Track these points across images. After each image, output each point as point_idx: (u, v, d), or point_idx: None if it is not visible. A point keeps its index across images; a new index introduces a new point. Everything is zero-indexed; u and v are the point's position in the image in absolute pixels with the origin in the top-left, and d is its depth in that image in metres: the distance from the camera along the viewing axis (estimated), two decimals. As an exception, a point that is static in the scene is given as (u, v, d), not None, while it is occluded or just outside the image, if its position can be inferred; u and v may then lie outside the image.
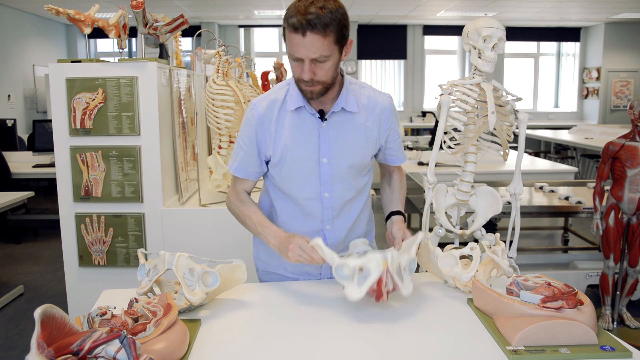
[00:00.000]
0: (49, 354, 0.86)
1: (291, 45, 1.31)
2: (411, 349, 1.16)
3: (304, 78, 1.35)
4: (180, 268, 1.32)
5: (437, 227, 1.83)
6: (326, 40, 1.30)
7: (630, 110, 2.63)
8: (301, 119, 1.46)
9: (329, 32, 1.29)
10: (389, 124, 1.54)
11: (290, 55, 1.35)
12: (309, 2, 1.28)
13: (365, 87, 1.54)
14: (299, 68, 1.35)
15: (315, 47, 1.29)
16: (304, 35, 1.28)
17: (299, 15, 1.27)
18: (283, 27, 1.34)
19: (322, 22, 1.27)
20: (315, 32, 1.28)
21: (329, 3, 1.30)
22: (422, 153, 4.57)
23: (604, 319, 2.82)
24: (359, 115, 1.49)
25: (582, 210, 3.02)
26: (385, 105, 1.53)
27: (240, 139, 1.53)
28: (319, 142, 1.47)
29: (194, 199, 2.81)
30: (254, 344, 1.19)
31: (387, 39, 9.80)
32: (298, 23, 1.27)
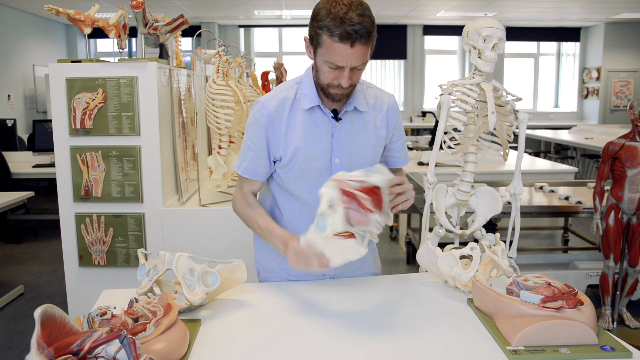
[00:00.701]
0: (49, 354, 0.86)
1: (333, 54, 1.29)
2: (411, 349, 1.15)
3: (343, 85, 1.34)
4: (180, 268, 1.32)
5: (437, 227, 1.83)
6: (369, 48, 1.31)
7: (630, 110, 2.63)
8: (313, 118, 1.44)
9: (371, 39, 1.30)
10: (394, 123, 1.55)
11: (329, 62, 1.32)
12: (346, 7, 1.26)
13: (371, 86, 1.55)
14: (334, 74, 1.34)
15: (360, 56, 1.30)
16: (352, 46, 1.27)
17: (346, 26, 1.24)
18: (316, 33, 1.30)
19: (367, 31, 1.27)
20: (363, 43, 1.28)
21: (364, 7, 1.29)
22: (422, 153, 4.57)
23: (604, 319, 2.82)
24: (369, 114, 1.50)
25: (582, 210, 3.02)
26: (391, 104, 1.55)
27: (249, 139, 1.49)
28: (332, 142, 1.46)
29: (194, 199, 2.81)
30: (254, 344, 1.19)
31: (387, 39, 9.81)
32: (346, 34, 1.25)
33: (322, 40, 1.30)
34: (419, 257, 1.59)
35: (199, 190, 2.82)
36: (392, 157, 1.63)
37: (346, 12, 1.25)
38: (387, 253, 4.49)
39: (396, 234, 4.90)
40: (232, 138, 2.73)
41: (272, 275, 1.62)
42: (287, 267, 1.55)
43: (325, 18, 1.27)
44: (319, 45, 1.32)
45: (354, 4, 1.27)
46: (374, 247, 1.75)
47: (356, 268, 1.64)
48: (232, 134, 2.71)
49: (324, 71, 1.36)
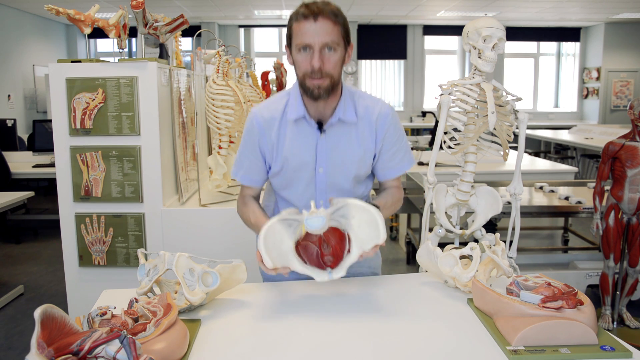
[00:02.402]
0: (49, 354, 0.86)
1: (300, 33, 1.34)
2: (411, 349, 1.16)
3: (314, 66, 1.35)
4: (180, 268, 1.32)
5: (437, 227, 1.83)
6: (336, 27, 1.35)
7: (630, 110, 2.63)
8: (299, 129, 1.47)
9: (338, 21, 1.35)
10: (383, 132, 1.51)
11: (298, 45, 1.36)
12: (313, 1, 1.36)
13: (365, 96, 1.53)
14: (307, 58, 1.36)
15: (326, 31, 1.33)
16: (315, 20, 1.32)
17: (308, 7, 1.33)
18: (289, 26, 1.38)
19: (332, 10, 1.34)
20: (326, 18, 1.33)
21: (334, 5, 1.38)
22: (422, 153, 4.57)
23: (604, 319, 2.82)
24: (357, 126, 1.49)
25: (582, 210, 3.02)
26: (382, 114, 1.50)
27: (244, 148, 1.54)
28: (316, 152, 1.48)
29: (194, 199, 2.81)
30: (254, 344, 1.19)
31: (387, 39, 9.80)
32: (308, 10, 1.32)
33: (292, 30, 1.37)
34: (419, 257, 1.59)
35: (199, 190, 2.82)
36: (381, 168, 1.56)
37: (314, 1, 1.35)
38: (387, 253, 4.49)
39: (396, 234, 4.90)
40: (232, 138, 2.73)
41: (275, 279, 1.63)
42: None
43: (295, 10, 1.37)
44: (291, 37, 1.38)
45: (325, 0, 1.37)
46: None
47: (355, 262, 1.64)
48: (232, 134, 2.71)
49: (298, 61, 1.39)
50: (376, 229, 1.29)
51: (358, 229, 1.32)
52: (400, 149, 1.57)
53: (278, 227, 1.33)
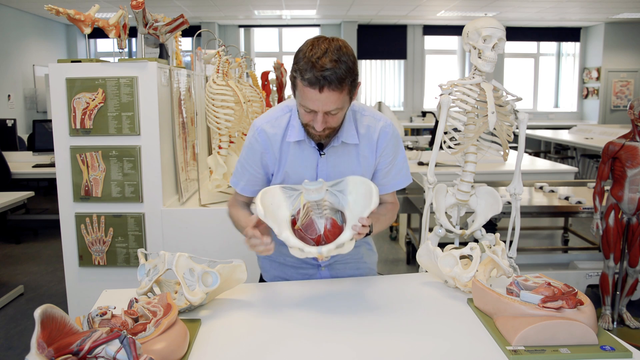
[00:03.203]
0: (49, 354, 0.86)
1: (305, 98, 1.30)
2: (411, 349, 1.16)
3: (316, 129, 1.35)
4: (180, 268, 1.32)
5: (437, 227, 1.83)
6: (342, 94, 1.29)
7: (630, 110, 2.63)
8: (301, 148, 1.48)
9: (344, 86, 1.28)
10: (381, 149, 1.51)
11: (302, 105, 1.34)
12: (321, 51, 1.25)
13: (366, 113, 1.51)
14: (309, 117, 1.35)
15: (331, 102, 1.29)
16: (320, 91, 1.26)
17: (315, 71, 1.24)
18: (293, 75, 1.31)
19: (338, 77, 1.25)
20: (332, 89, 1.26)
21: (342, 53, 1.27)
22: (422, 153, 4.57)
23: (604, 319, 2.82)
24: (358, 146, 1.49)
25: (582, 210, 3.02)
26: (383, 132, 1.50)
27: (245, 161, 1.53)
28: (317, 171, 1.48)
29: (194, 199, 2.81)
30: (254, 344, 1.19)
31: (387, 39, 9.81)
32: (314, 79, 1.25)
33: (296, 83, 1.31)
34: (419, 257, 1.59)
35: (199, 190, 2.82)
36: (376, 183, 1.55)
37: (320, 56, 1.25)
38: (387, 253, 4.50)
39: (396, 234, 4.90)
40: (232, 138, 2.73)
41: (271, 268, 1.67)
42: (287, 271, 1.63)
43: (300, 61, 1.28)
44: (295, 87, 1.33)
45: (332, 49, 1.26)
46: (367, 241, 1.72)
47: (349, 257, 1.65)
48: (232, 134, 2.71)
49: (300, 112, 1.38)
50: (369, 198, 1.31)
51: (354, 205, 1.34)
52: (396, 166, 1.56)
53: (277, 192, 1.38)
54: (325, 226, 1.38)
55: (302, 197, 1.37)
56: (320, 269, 1.63)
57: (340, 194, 1.37)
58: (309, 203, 1.37)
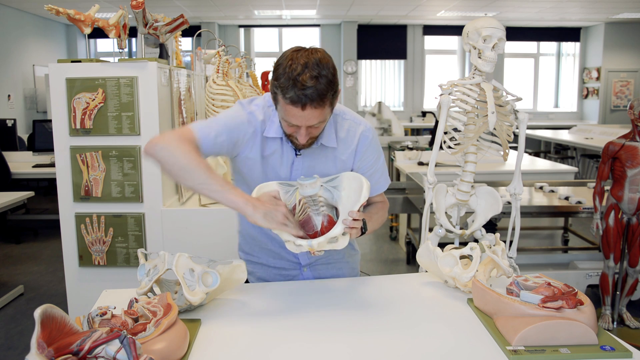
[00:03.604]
0: (49, 354, 0.86)
1: (287, 114, 1.30)
2: (411, 349, 1.16)
3: (299, 141, 1.36)
4: (180, 268, 1.32)
5: (437, 227, 1.83)
6: (324, 109, 1.29)
7: (630, 110, 2.63)
8: (277, 146, 1.46)
9: (325, 100, 1.28)
10: (361, 154, 1.51)
11: (284, 119, 1.33)
12: (301, 67, 1.24)
13: (347, 117, 1.50)
14: (292, 129, 1.35)
15: (313, 117, 1.29)
16: (303, 109, 1.26)
17: (297, 89, 1.23)
18: (274, 91, 1.30)
19: (320, 93, 1.25)
20: (314, 106, 1.26)
21: (321, 67, 1.25)
22: (422, 153, 4.57)
23: (604, 319, 2.82)
24: (336, 149, 1.48)
25: (582, 210, 3.02)
26: (363, 136, 1.50)
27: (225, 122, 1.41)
28: (291, 170, 1.48)
29: (194, 199, 2.81)
30: (254, 344, 1.19)
31: (387, 39, 9.81)
32: (296, 97, 1.24)
33: (278, 99, 1.30)
34: (419, 257, 1.59)
35: (199, 190, 2.82)
36: None
37: (300, 72, 1.23)
38: (387, 253, 4.49)
39: (396, 234, 4.90)
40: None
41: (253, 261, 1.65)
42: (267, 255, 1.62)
43: (281, 77, 1.26)
44: (276, 102, 1.32)
45: (311, 63, 1.24)
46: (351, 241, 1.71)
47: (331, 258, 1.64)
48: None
49: (283, 125, 1.38)
50: (360, 193, 1.33)
51: (346, 200, 1.35)
52: (378, 169, 1.56)
53: (274, 187, 1.38)
54: (323, 223, 1.39)
55: (297, 193, 1.38)
56: (303, 270, 1.62)
57: (334, 190, 1.38)
58: (304, 199, 1.37)
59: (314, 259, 1.62)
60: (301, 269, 1.62)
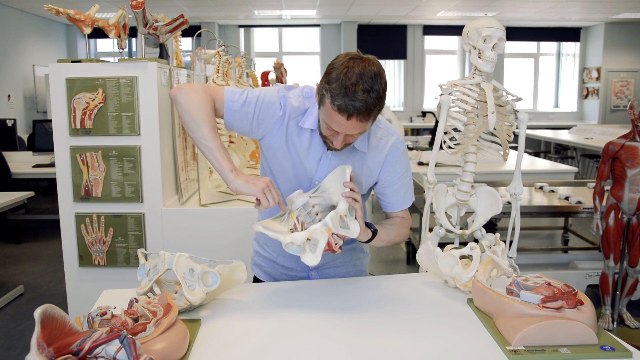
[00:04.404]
0: (49, 354, 0.86)
1: (330, 119, 1.29)
2: (411, 349, 1.16)
3: (335, 146, 1.35)
4: (180, 268, 1.32)
5: (437, 227, 1.83)
6: (368, 122, 1.29)
7: (630, 110, 2.63)
8: (310, 137, 1.45)
9: (371, 115, 1.27)
10: (389, 165, 1.51)
11: (325, 122, 1.32)
12: (356, 76, 1.22)
13: (381, 126, 1.50)
14: (330, 132, 1.34)
15: (356, 128, 1.29)
16: (348, 119, 1.25)
17: (347, 99, 1.22)
18: (322, 93, 1.28)
19: (368, 108, 1.24)
20: (360, 119, 1.26)
21: (375, 81, 1.24)
22: (422, 153, 4.57)
23: (604, 319, 2.82)
24: (366, 155, 1.48)
25: (582, 210, 3.03)
26: (394, 147, 1.50)
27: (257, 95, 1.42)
28: (318, 165, 1.47)
29: (194, 199, 2.81)
30: (254, 344, 1.19)
31: (387, 39, 9.81)
32: (344, 106, 1.23)
33: (324, 101, 1.29)
34: (419, 257, 1.59)
35: (199, 190, 2.82)
36: (383, 200, 1.58)
37: (354, 83, 1.22)
38: (387, 253, 4.50)
39: (396, 234, 4.90)
40: (232, 138, 2.73)
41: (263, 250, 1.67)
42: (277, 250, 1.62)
43: (334, 81, 1.25)
44: (322, 103, 1.31)
45: (366, 76, 1.23)
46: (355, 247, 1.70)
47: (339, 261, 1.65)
48: (232, 134, 2.71)
49: (322, 126, 1.37)
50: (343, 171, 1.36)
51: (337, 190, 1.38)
52: (404, 184, 1.56)
53: (270, 223, 1.40)
54: None
55: (292, 215, 1.39)
56: (311, 273, 1.63)
57: (324, 194, 1.40)
58: (299, 215, 1.38)
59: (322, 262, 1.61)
60: (309, 272, 1.62)
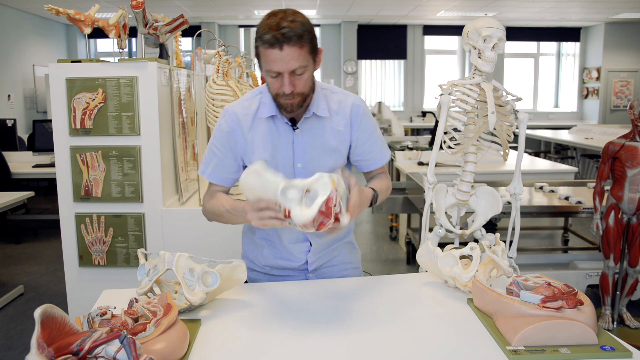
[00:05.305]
0: (49, 354, 0.86)
1: (268, 61, 1.33)
2: (411, 349, 1.16)
3: (285, 91, 1.36)
4: (180, 268, 1.32)
5: (437, 227, 1.83)
6: (302, 50, 1.32)
7: (630, 110, 2.63)
8: (275, 126, 1.49)
9: (303, 42, 1.31)
10: (357, 124, 1.53)
11: (267, 71, 1.36)
12: (278, 17, 1.30)
13: (336, 91, 1.55)
14: (277, 83, 1.37)
15: (293, 59, 1.31)
16: (281, 49, 1.29)
17: (273, 31, 1.28)
18: (256, 46, 1.35)
19: (297, 33, 1.29)
20: (292, 45, 1.29)
21: (297, 16, 1.32)
22: (422, 153, 4.57)
23: (604, 319, 2.82)
24: (331, 120, 1.51)
25: (582, 210, 3.02)
26: (355, 105, 1.53)
27: (214, 145, 1.54)
28: (293, 148, 1.49)
29: (194, 199, 2.81)
30: (254, 344, 1.19)
31: (387, 39, 9.81)
32: (273, 38, 1.28)
33: (259, 52, 1.34)
34: (419, 257, 1.59)
35: (199, 190, 2.82)
36: (362, 160, 1.60)
37: (278, 21, 1.29)
38: (387, 253, 4.49)
39: (396, 234, 4.90)
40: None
41: (256, 270, 1.67)
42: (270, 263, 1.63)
43: (259, 30, 1.32)
44: (259, 58, 1.36)
45: (288, 14, 1.31)
46: (350, 240, 1.72)
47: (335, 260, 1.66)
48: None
49: (268, 82, 1.40)
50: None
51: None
52: (378, 139, 1.60)
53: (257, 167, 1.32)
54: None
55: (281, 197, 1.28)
56: (308, 275, 1.64)
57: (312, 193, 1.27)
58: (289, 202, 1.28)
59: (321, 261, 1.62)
60: (307, 274, 1.63)
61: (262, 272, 1.66)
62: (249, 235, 1.68)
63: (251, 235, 1.67)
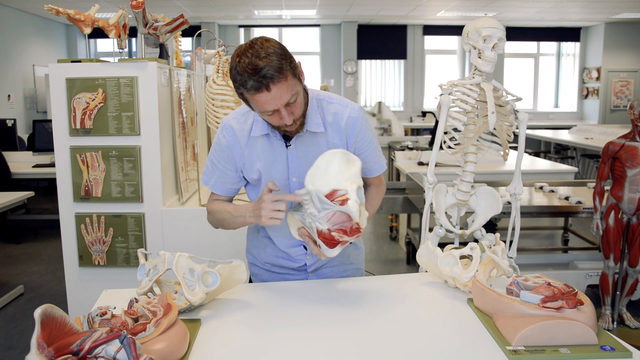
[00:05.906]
0: (49, 354, 0.86)
1: (260, 104, 1.31)
2: (411, 349, 1.16)
3: (286, 123, 1.36)
4: (180, 268, 1.32)
5: (437, 227, 1.83)
6: (288, 81, 1.29)
7: (630, 110, 2.63)
8: (269, 142, 1.49)
9: (286, 73, 1.28)
10: (354, 136, 1.51)
11: (262, 112, 1.34)
12: (249, 57, 1.25)
13: (334, 101, 1.51)
14: (276, 118, 1.35)
15: (283, 93, 1.29)
16: (268, 90, 1.26)
17: (253, 76, 1.25)
18: (240, 93, 1.32)
19: (276, 68, 1.25)
20: (277, 81, 1.26)
21: (267, 47, 1.27)
22: (422, 153, 4.57)
23: (604, 319, 2.82)
24: (326, 133, 1.49)
25: (582, 210, 3.02)
26: (351, 117, 1.50)
27: (214, 158, 1.55)
28: (288, 163, 1.49)
29: (194, 199, 2.81)
30: (254, 344, 1.19)
31: (387, 39, 9.81)
32: (257, 84, 1.25)
33: (246, 98, 1.33)
34: (419, 257, 1.59)
35: (199, 190, 2.82)
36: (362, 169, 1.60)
37: (249, 62, 1.25)
38: (387, 253, 4.49)
39: (396, 234, 4.90)
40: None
41: (258, 265, 1.69)
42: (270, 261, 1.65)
43: (237, 77, 1.28)
44: (248, 102, 1.35)
45: (255, 48, 1.26)
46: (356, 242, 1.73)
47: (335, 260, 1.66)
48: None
49: (267, 119, 1.39)
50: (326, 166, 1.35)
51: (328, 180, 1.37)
52: (375, 150, 1.59)
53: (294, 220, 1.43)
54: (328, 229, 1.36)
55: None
56: (308, 275, 1.64)
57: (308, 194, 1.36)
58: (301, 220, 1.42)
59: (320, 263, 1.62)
60: (307, 274, 1.63)
61: (264, 268, 1.67)
62: (253, 232, 1.70)
63: (256, 233, 1.68)
